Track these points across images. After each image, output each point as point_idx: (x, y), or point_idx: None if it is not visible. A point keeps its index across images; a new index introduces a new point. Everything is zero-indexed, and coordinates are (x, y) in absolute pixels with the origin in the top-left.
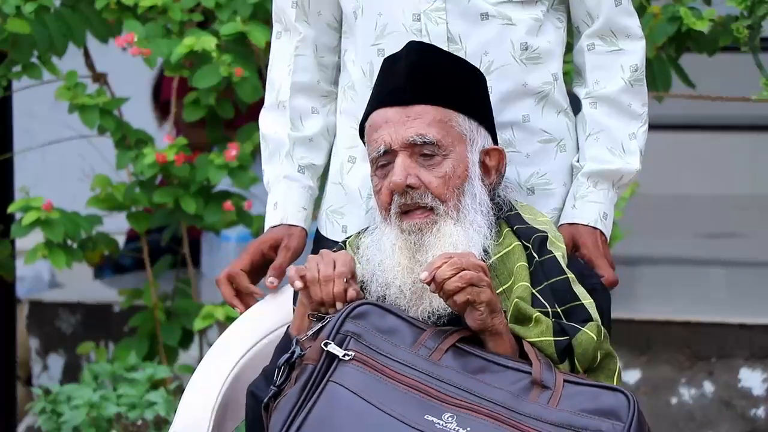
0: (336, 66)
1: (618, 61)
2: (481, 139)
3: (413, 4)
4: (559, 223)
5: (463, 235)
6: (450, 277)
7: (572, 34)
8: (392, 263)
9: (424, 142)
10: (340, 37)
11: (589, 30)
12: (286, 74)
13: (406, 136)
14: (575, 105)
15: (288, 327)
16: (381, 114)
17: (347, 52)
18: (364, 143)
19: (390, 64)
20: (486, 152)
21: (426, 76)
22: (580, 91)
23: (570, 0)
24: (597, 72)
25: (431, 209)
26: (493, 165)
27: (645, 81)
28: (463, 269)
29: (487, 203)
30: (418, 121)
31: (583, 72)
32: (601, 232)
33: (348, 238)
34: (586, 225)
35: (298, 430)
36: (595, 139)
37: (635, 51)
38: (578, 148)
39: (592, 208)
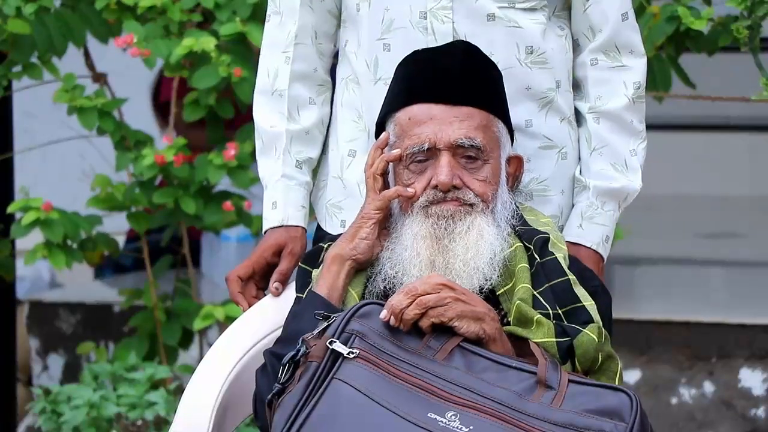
0: (332, 54)
1: (621, 78)
2: (508, 145)
3: (420, 2)
4: None
5: (494, 235)
6: (407, 306)
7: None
8: (410, 254)
9: (471, 145)
10: (338, 25)
11: (592, 45)
12: (282, 62)
13: (455, 138)
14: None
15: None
16: (425, 109)
17: (348, 43)
18: (379, 133)
19: (429, 57)
20: (507, 159)
21: (477, 78)
22: (582, 106)
23: (572, 11)
24: (600, 87)
25: (470, 205)
26: (511, 172)
27: (644, 98)
28: (419, 295)
29: (512, 210)
30: (466, 123)
31: (584, 86)
32: (601, 256)
33: None
34: (589, 247)
35: (302, 426)
36: (599, 154)
37: (638, 68)
38: (579, 159)
39: (596, 231)
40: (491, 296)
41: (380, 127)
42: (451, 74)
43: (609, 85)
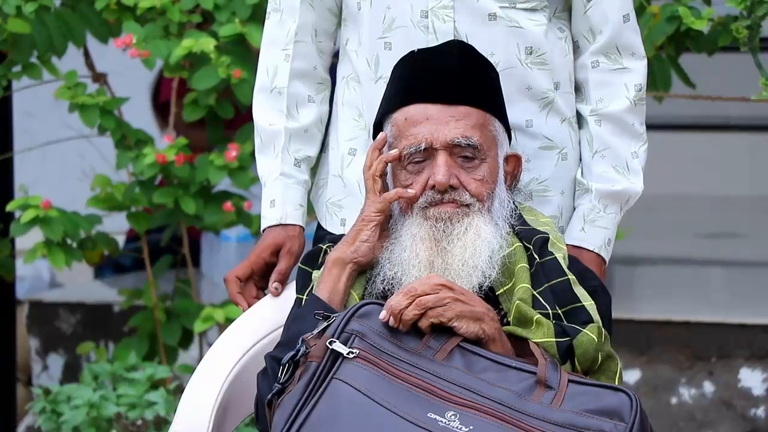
0: (332, 52)
1: (623, 80)
2: (506, 144)
3: (422, 1)
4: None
5: (491, 233)
6: (406, 307)
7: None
8: (410, 256)
9: (468, 144)
10: (338, 23)
11: (593, 47)
12: (282, 59)
13: (451, 137)
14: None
15: (310, 289)
16: (421, 109)
17: (349, 42)
18: (377, 134)
19: (424, 57)
20: (505, 158)
21: (473, 78)
22: (583, 108)
23: (572, 12)
24: (602, 89)
25: (467, 206)
26: (509, 171)
27: (645, 100)
28: (418, 295)
29: (511, 208)
30: (463, 122)
31: (585, 89)
32: (603, 259)
33: None
34: (591, 251)
35: (302, 426)
36: (601, 156)
37: (639, 70)
38: (580, 160)
39: (599, 234)
40: (491, 296)
41: (378, 128)
42: (447, 74)
43: (610, 87)
